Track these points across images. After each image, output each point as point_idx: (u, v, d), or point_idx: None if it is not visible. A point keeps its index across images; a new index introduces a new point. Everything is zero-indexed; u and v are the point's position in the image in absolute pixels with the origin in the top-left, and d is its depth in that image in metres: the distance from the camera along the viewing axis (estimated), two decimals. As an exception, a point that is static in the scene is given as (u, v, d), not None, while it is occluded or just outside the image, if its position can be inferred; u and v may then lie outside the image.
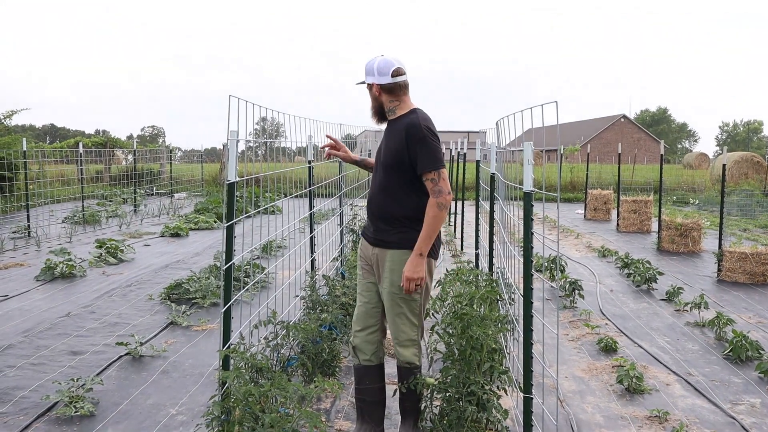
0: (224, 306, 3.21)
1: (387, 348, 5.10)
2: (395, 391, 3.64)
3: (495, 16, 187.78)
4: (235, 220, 3.24)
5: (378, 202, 3.52)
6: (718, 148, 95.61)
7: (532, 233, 2.87)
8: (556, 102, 2.59)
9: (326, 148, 3.99)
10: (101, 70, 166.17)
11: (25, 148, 12.35)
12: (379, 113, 3.56)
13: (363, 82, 3.58)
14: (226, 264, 3.20)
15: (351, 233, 8.19)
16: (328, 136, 3.99)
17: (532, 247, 2.87)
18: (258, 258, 8.74)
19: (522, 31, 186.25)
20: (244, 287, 4.72)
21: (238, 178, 3.19)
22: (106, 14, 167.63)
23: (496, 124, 4.89)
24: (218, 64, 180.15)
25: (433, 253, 3.49)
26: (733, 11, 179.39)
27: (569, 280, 7.03)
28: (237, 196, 3.25)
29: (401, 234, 3.42)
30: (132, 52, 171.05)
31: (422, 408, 3.62)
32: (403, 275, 3.32)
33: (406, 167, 3.40)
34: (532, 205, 2.86)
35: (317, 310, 5.16)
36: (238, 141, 3.13)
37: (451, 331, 3.66)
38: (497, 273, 5.15)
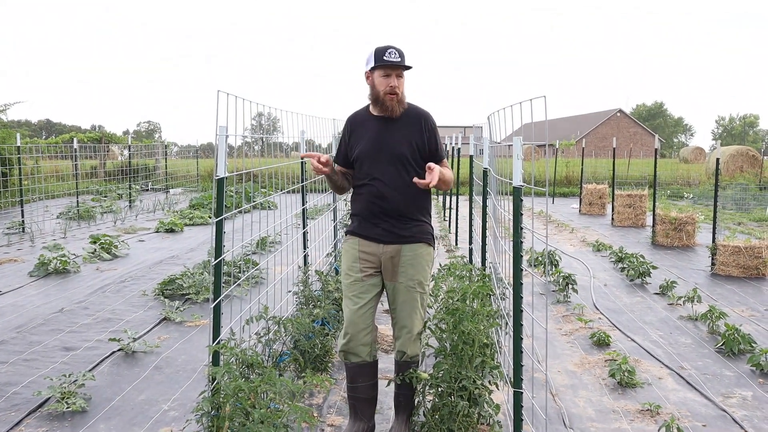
0: (214, 301, 3.21)
1: (379, 344, 5.10)
2: (389, 383, 3.64)
3: (495, 16, 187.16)
4: (225, 216, 3.23)
5: (392, 198, 3.43)
6: (714, 142, 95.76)
7: (522, 228, 2.87)
8: (544, 96, 2.59)
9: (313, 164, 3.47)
10: (101, 70, 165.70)
11: (18, 143, 12.31)
12: (401, 102, 3.45)
13: (407, 67, 3.40)
14: (215, 259, 3.19)
15: (345, 228, 8.18)
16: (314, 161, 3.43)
17: (521, 242, 2.88)
18: (252, 254, 8.73)
19: (522, 31, 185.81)
20: (235, 283, 4.71)
21: (227, 174, 3.19)
22: (106, 14, 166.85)
23: (488, 118, 4.89)
24: (218, 64, 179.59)
25: (434, 242, 3.64)
26: (733, 11, 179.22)
27: (563, 274, 7.05)
28: (231, 192, 3.25)
29: (418, 227, 3.51)
30: (132, 52, 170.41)
31: (416, 403, 3.62)
32: (441, 175, 3.27)
33: (422, 157, 3.46)
34: (522, 200, 2.86)
35: (310, 306, 5.16)
36: (227, 136, 3.13)
37: (443, 326, 3.66)
38: (490, 268, 5.16)
